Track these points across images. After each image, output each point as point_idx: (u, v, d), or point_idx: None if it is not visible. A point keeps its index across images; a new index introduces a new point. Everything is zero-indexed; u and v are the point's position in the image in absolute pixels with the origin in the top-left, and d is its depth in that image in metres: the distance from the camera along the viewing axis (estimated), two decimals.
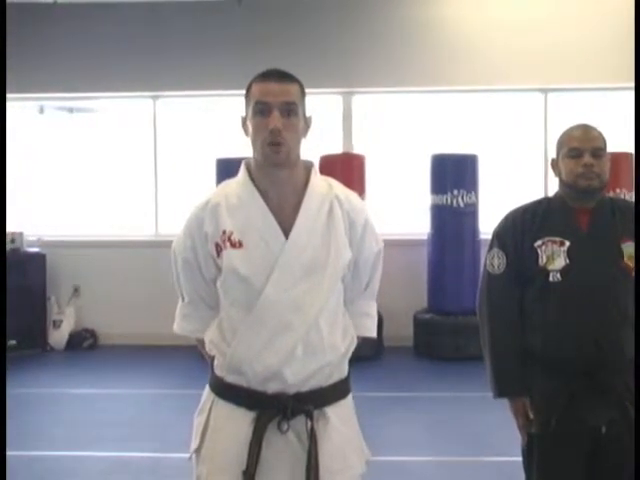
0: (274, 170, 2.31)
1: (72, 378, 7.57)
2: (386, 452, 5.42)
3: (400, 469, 5.12)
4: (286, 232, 2.30)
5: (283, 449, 2.30)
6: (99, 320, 8.79)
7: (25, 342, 8.49)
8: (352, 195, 2.44)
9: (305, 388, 2.31)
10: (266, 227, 2.30)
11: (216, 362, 2.40)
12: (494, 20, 8.58)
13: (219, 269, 2.34)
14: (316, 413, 2.32)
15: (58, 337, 8.77)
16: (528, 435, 2.96)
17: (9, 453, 5.31)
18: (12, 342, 8.35)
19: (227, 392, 2.36)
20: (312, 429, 2.28)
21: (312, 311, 2.29)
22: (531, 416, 2.94)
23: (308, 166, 2.40)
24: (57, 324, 8.81)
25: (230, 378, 2.35)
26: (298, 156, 2.33)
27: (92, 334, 8.84)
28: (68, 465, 5.22)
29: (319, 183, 2.37)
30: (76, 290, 9.00)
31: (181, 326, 2.52)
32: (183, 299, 2.50)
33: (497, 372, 2.99)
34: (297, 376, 2.30)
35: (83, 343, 8.78)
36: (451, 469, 5.15)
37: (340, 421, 2.38)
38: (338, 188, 2.41)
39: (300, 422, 2.31)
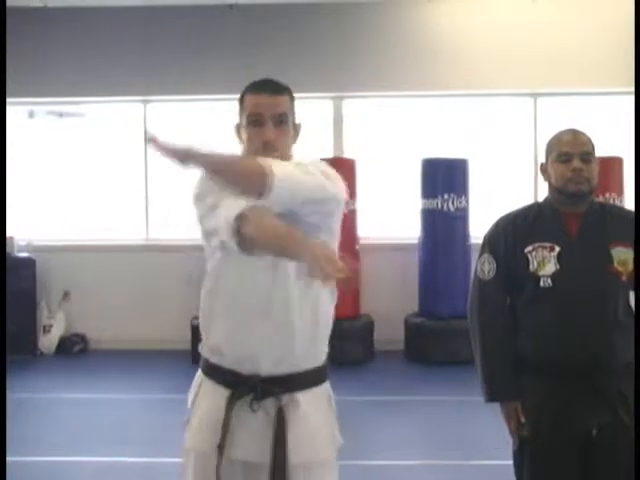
0: None
1: (62, 383, 7.55)
2: (377, 456, 5.43)
3: (391, 473, 5.12)
4: None
5: (254, 427, 2.40)
6: (89, 325, 8.76)
7: (15, 347, 8.44)
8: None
9: (276, 372, 2.40)
10: None
11: (202, 341, 2.53)
12: (484, 25, 8.60)
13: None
14: (287, 397, 2.41)
15: (48, 342, 8.74)
16: (519, 439, 2.97)
17: None
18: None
19: (210, 371, 2.50)
20: (279, 411, 2.39)
21: (285, 298, 2.37)
22: (522, 420, 2.94)
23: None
24: (47, 329, 8.78)
25: (213, 359, 2.49)
26: (288, 159, 2.43)
27: (82, 339, 8.82)
28: (58, 470, 5.21)
29: None
30: (66, 295, 8.97)
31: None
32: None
33: (488, 376, 2.99)
34: (269, 360, 2.40)
35: (73, 348, 8.75)
36: (442, 473, 5.15)
37: (311, 407, 2.45)
38: None
39: (271, 404, 2.41)
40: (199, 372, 2.57)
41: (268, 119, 2.37)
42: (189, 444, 2.48)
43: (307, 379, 2.46)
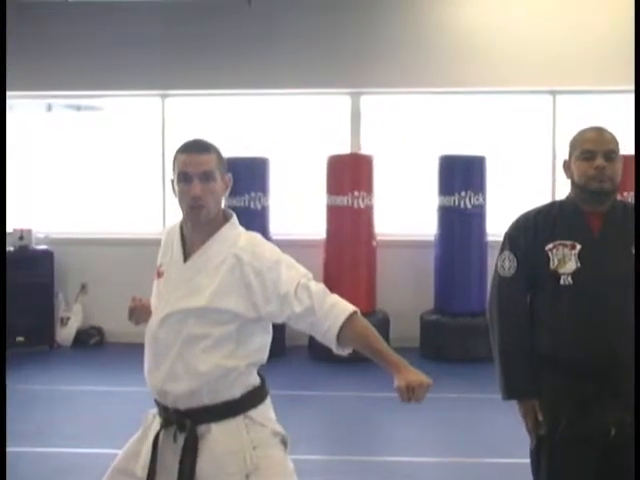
0: (195, 224, 2.67)
1: (79, 375, 7.59)
2: (391, 452, 5.44)
3: (405, 470, 5.13)
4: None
5: (172, 457, 2.60)
6: (106, 317, 8.79)
7: (33, 339, 8.52)
8: (257, 248, 2.62)
9: (187, 405, 2.60)
10: (176, 260, 2.69)
11: None
12: (502, 22, 8.56)
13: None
14: (203, 428, 2.59)
15: (65, 334, 8.79)
16: (537, 437, 2.96)
17: (15, 449, 5.35)
18: (20, 339, 8.39)
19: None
20: (186, 440, 2.58)
21: (183, 336, 2.59)
22: (540, 418, 2.94)
23: (225, 218, 2.69)
24: (64, 321, 8.83)
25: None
26: (217, 213, 2.66)
27: (99, 331, 8.86)
28: (74, 461, 5.24)
29: (224, 236, 2.64)
30: (83, 287, 9.02)
31: None
32: None
33: (506, 374, 2.99)
34: (177, 394, 2.61)
35: (90, 340, 8.80)
36: (456, 470, 5.15)
37: (224, 437, 2.59)
38: (241, 243, 2.62)
39: (188, 434, 2.60)
40: None
41: (195, 176, 2.58)
42: (138, 465, 2.66)
43: (220, 411, 2.60)
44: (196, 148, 2.64)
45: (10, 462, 5.08)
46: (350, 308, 2.56)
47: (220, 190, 2.65)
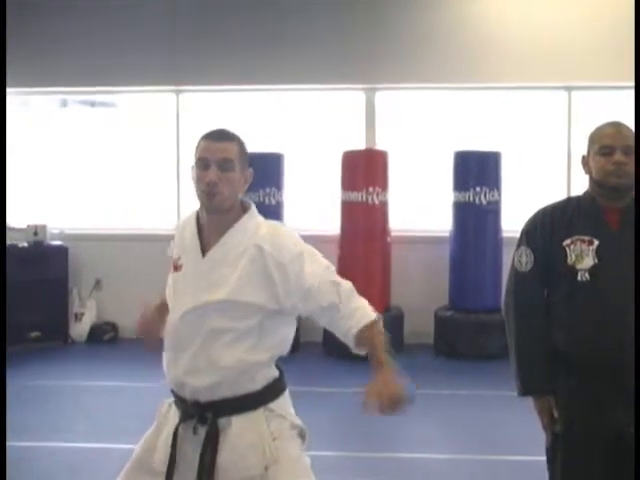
0: (210, 213, 2.64)
1: (93, 370, 7.61)
2: (404, 449, 5.43)
3: (418, 466, 5.11)
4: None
5: (192, 450, 2.59)
6: (120, 313, 8.81)
7: (47, 334, 8.54)
8: (277, 239, 2.59)
9: (207, 398, 2.59)
10: (193, 253, 2.65)
11: None
12: (518, 17, 8.52)
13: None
14: (223, 420, 2.58)
15: (79, 330, 8.82)
16: (552, 434, 2.94)
17: (29, 444, 5.37)
18: (34, 334, 8.42)
19: (172, 392, 2.73)
20: (207, 433, 2.56)
21: (205, 330, 2.57)
22: (556, 415, 2.92)
23: (244, 208, 2.66)
24: (79, 317, 8.86)
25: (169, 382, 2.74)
26: (233, 204, 2.62)
27: (113, 327, 8.89)
28: (88, 456, 5.26)
29: (243, 227, 2.61)
30: (98, 283, 9.04)
31: None
32: None
33: (522, 370, 2.97)
34: (198, 387, 2.59)
35: (104, 336, 8.82)
36: (470, 467, 5.13)
37: (244, 429, 2.58)
38: (262, 233, 2.59)
39: (209, 427, 2.59)
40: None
41: (213, 163, 2.56)
42: (156, 459, 2.66)
43: (241, 404, 2.59)
44: (218, 135, 2.63)
45: (24, 457, 5.12)
46: (373, 315, 2.55)
47: (238, 182, 2.61)
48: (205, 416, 2.57)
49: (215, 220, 2.63)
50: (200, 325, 2.57)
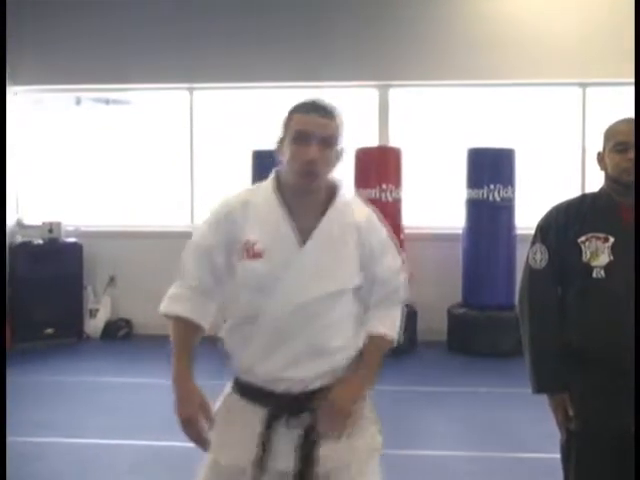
0: (303, 194, 2.45)
1: (107, 367, 7.63)
2: (419, 446, 5.43)
3: (433, 463, 5.11)
4: (302, 244, 2.45)
5: (290, 444, 2.45)
6: (134, 309, 8.86)
7: (61, 331, 8.59)
8: (372, 219, 2.55)
9: (310, 388, 2.46)
10: (287, 240, 2.43)
11: (230, 360, 2.59)
12: (532, 14, 8.50)
13: (232, 273, 2.48)
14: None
15: (94, 326, 8.86)
16: (567, 431, 2.94)
17: (44, 440, 5.40)
18: (49, 331, 8.47)
19: (242, 389, 2.56)
20: (309, 426, 2.44)
21: (316, 320, 2.43)
22: (570, 412, 2.91)
23: (334, 186, 2.51)
24: (93, 313, 8.90)
25: (243, 377, 2.55)
26: (324, 183, 2.46)
27: (127, 323, 8.92)
28: (102, 453, 5.27)
29: (341, 207, 2.48)
30: (112, 280, 9.08)
31: (169, 306, 2.60)
32: (184, 283, 2.58)
33: (537, 367, 2.96)
34: (301, 379, 2.46)
35: (118, 332, 8.86)
36: (484, 464, 5.12)
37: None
38: (359, 214, 2.52)
39: (306, 418, 2.46)
40: (229, 387, 2.64)
41: (315, 139, 2.37)
42: (223, 460, 2.53)
43: None
44: (321, 109, 2.41)
45: (39, 452, 5.16)
46: (390, 334, 2.57)
47: (334, 161, 2.46)
48: (302, 408, 2.46)
49: (307, 201, 2.46)
50: (310, 316, 2.42)
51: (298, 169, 2.38)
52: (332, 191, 2.49)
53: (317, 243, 2.42)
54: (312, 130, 2.36)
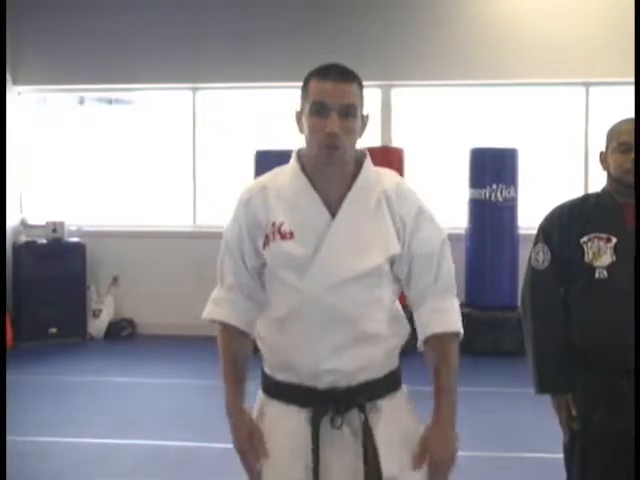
0: (326, 167, 2.28)
1: (110, 367, 7.64)
2: None
3: None
4: (332, 218, 2.27)
5: (338, 444, 2.26)
6: (138, 310, 8.87)
7: (65, 331, 8.60)
8: (402, 187, 2.35)
9: (356, 381, 2.26)
10: (316, 216, 2.26)
11: (265, 358, 2.38)
12: (535, 14, 8.49)
13: (262, 260, 2.31)
14: (369, 406, 2.27)
15: (97, 326, 8.86)
16: (570, 432, 2.94)
17: (47, 439, 5.41)
18: (52, 330, 8.48)
19: (278, 390, 2.33)
20: (365, 422, 2.25)
21: (360, 301, 2.24)
22: (574, 413, 2.91)
23: (360, 157, 2.34)
24: (96, 313, 8.90)
25: (280, 375, 2.32)
26: (351, 154, 2.29)
27: (130, 323, 8.93)
28: (105, 452, 5.28)
29: (369, 176, 2.31)
30: (115, 280, 9.08)
31: (211, 310, 2.39)
32: (222, 284, 2.39)
33: (540, 368, 2.96)
34: (348, 368, 2.25)
35: (122, 332, 8.86)
36: (486, 464, 5.12)
37: (394, 412, 2.34)
38: (388, 181, 2.34)
39: (353, 416, 2.27)
40: (259, 395, 2.41)
41: (334, 110, 2.19)
42: (272, 478, 2.32)
43: (388, 384, 2.34)
44: (338, 75, 2.22)
45: (41, 452, 5.16)
46: (453, 326, 2.33)
47: (359, 130, 2.28)
48: (350, 404, 2.25)
49: (332, 174, 2.28)
50: (351, 298, 2.22)
51: (319, 143, 2.21)
52: (359, 162, 2.32)
53: (348, 215, 2.24)
54: (330, 100, 2.19)
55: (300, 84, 2.41)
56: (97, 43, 8.89)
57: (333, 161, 2.24)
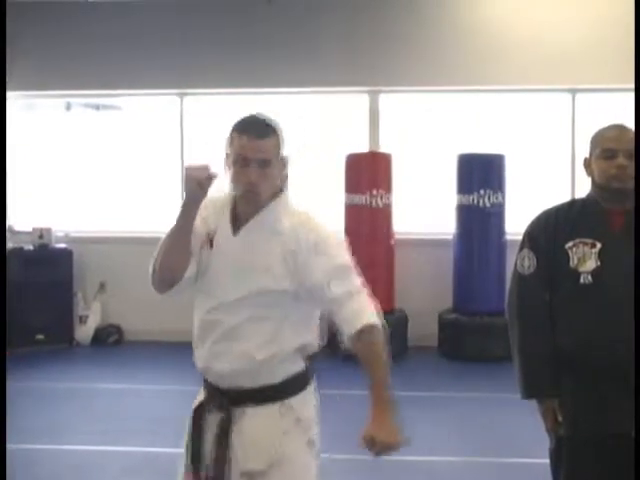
0: (246, 203, 2.57)
1: (97, 373, 7.62)
2: (409, 452, 5.40)
3: (422, 468, 5.11)
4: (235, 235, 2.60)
5: (209, 438, 2.60)
6: (125, 316, 8.84)
7: (52, 337, 8.56)
8: (296, 226, 2.55)
9: (227, 385, 2.56)
10: (225, 235, 2.58)
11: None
12: (522, 20, 8.51)
13: (195, 262, 2.61)
14: (238, 411, 2.55)
15: (84, 332, 8.83)
16: (556, 437, 2.94)
17: (33, 446, 5.38)
18: (39, 337, 8.44)
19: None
20: (222, 421, 2.55)
21: (231, 317, 2.52)
22: (560, 418, 2.92)
23: (277, 194, 2.58)
24: (83, 319, 8.87)
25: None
26: (268, 194, 2.55)
27: (117, 330, 8.90)
28: (92, 459, 5.27)
29: (274, 208, 2.56)
30: (102, 286, 9.05)
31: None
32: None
33: (526, 373, 2.97)
34: (220, 373, 2.57)
35: (109, 338, 8.83)
36: (475, 470, 5.13)
37: (259, 421, 2.54)
38: (287, 218, 2.56)
39: (224, 415, 2.57)
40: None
41: (252, 161, 2.47)
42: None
43: (259, 396, 2.55)
44: (255, 131, 2.51)
45: (27, 459, 5.14)
46: (373, 319, 2.46)
47: (277, 173, 2.56)
48: (222, 402, 2.57)
49: (253, 202, 2.57)
50: (232, 313, 2.52)
51: (241, 188, 2.52)
52: (275, 197, 2.58)
53: (243, 240, 2.54)
54: (249, 154, 2.47)
55: (288, 90, 2.47)
56: (84, 49, 8.86)
57: (254, 202, 2.54)
